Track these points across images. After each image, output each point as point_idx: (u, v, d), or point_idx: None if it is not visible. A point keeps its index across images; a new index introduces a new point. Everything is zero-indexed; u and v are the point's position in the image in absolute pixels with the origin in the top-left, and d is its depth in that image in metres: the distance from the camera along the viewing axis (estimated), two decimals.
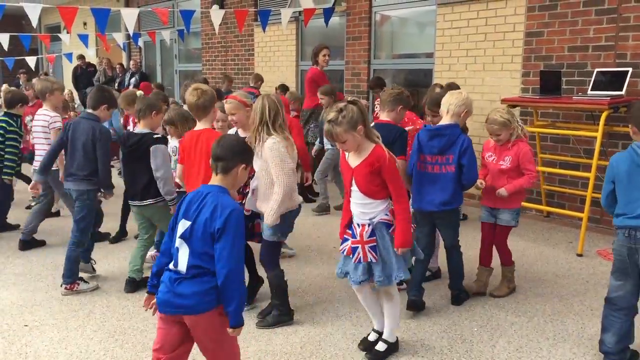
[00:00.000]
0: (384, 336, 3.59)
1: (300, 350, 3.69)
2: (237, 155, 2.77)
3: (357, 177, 3.32)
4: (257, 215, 4.17)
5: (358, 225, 3.39)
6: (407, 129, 4.40)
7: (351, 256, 3.40)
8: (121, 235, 6.08)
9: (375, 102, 7.71)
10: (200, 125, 4.17)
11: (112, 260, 5.38)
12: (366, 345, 3.63)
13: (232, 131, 4.43)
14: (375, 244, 3.34)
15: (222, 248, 2.53)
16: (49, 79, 6.12)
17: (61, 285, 4.60)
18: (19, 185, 8.53)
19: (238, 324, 2.56)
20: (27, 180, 8.01)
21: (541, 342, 3.80)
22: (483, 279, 4.55)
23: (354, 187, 3.35)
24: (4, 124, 5.91)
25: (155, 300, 2.72)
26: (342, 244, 3.50)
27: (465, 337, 3.86)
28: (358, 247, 3.36)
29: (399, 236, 3.30)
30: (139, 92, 6.44)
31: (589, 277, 4.96)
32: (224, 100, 4.48)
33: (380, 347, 3.56)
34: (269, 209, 3.74)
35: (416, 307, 4.18)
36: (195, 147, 4.09)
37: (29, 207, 7.19)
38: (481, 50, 7.23)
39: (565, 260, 5.39)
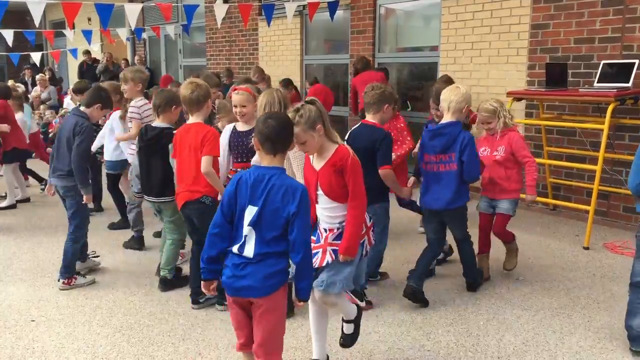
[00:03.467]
0: (346, 317, 3.34)
1: (307, 344, 3.69)
2: (292, 133, 2.82)
3: (321, 179, 3.12)
4: None
5: (325, 230, 3.18)
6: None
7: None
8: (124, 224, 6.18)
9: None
10: (192, 119, 4.13)
11: (117, 255, 5.40)
12: None
13: (229, 126, 4.34)
14: (337, 248, 3.12)
15: (298, 231, 2.60)
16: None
17: (58, 280, 4.62)
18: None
19: (307, 298, 2.76)
20: (34, 175, 8.06)
21: (548, 335, 3.79)
22: (484, 265, 4.68)
23: (320, 191, 3.15)
24: None
25: (215, 284, 2.82)
26: None
27: (471, 331, 3.85)
28: (319, 251, 3.13)
29: (344, 242, 3.07)
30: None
31: (596, 270, 4.94)
32: (234, 92, 4.44)
33: (348, 329, 3.35)
34: None
35: (413, 295, 4.12)
36: (184, 142, 4.06)
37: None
38: (486, 43, 7.19)
39: (572, 253, 5.37)
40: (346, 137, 4.16)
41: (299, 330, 3.88)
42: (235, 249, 2.70)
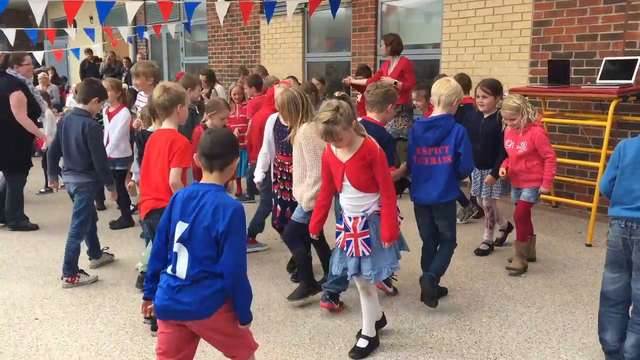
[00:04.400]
0: (364, 332, 3.55)
1: (309, 341, 3.70)
2: (234, 149, 2.68)
3: (349, 171, 3.30)
4: (291, 204, 4.33)
5: (350, 218, 3.38)
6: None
7: (345, 249, 3.42)
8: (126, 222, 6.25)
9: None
10: (164, 125, 3.91)
11: (120, 253, 5.41)
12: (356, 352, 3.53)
13: (273, 115, 4.47)
14: (368, 236, 3.35)
15: (228, 251, 2.44)
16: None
17: (62, 278, 4.64)
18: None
19: (248, 320, 2.58)
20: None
21: (550, 332, 3.79)
22: (532, 247, 4.98)
23: (346, 182, 3.34)
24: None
25: (151, 305, 2.65)
26: (336, 237, 3.50)
27: (474, 328, 3.86)
28: (352, 240, 3.37)
29: (385, 231, 3.31)
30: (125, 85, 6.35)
31: (598, 267, 4.93)
32: (275, 85, 4.48)
33: (362, 343, 3.53)
34: (307, 194, 3.95)
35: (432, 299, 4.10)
36: (154, 147, 3.87)
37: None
38: (488, 40, 7.18)
39: (574, 250, 5.37)
40: None
41: (301, 327, 3.89)
42: (169, 269, 2.56)
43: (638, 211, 3.09)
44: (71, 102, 12.31)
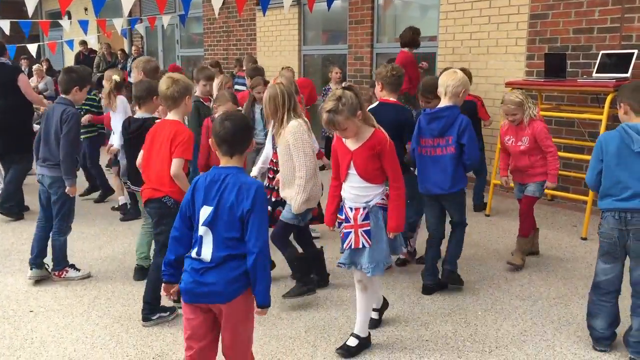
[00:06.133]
0: (356, 331, 3.50)
1: (305, 334, 3.70)
2: (252, 132, 2.81)
3: (356, 159, 3.27)
4: (281, 203, 4.22)
5: (351, 209, 3.33)
6: None
7: (344, 240, 3.34)
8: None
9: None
10: (170, 116, 3.89)
11: (116, 245, 5.39)
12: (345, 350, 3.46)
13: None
14: (369, 228, 3.29)
15: (252, 228, 2.50)
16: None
17: (50, 271, 4.61)
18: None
19: (266, 303, 2.56)
20: None
21: (545, 325, 3.80)
22: (534, 240, 4.96)
23: (352, 171, 3.30)
24: None
25: (176, 287, 2.70)
26: (339, 227, 3.43)
27: (469, 321, 3.86)
28: (351, 231, 3.31)
29: (393, 220, 3.28)
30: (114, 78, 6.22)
31: (593, 260, 4.91)
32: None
33: (352, 342, 3.48)
34: (298, 197, 3.81)
35: (429, 292, 4.25)
36: (157, 137, 3.85)
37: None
38: (485, 33, 7.17)
39: (570, 243, 5.38)
40: None
41: (297, 320, 3.89)
42: (193, 252, 2.59)
43: (628, 201, 3.21)
44: None
